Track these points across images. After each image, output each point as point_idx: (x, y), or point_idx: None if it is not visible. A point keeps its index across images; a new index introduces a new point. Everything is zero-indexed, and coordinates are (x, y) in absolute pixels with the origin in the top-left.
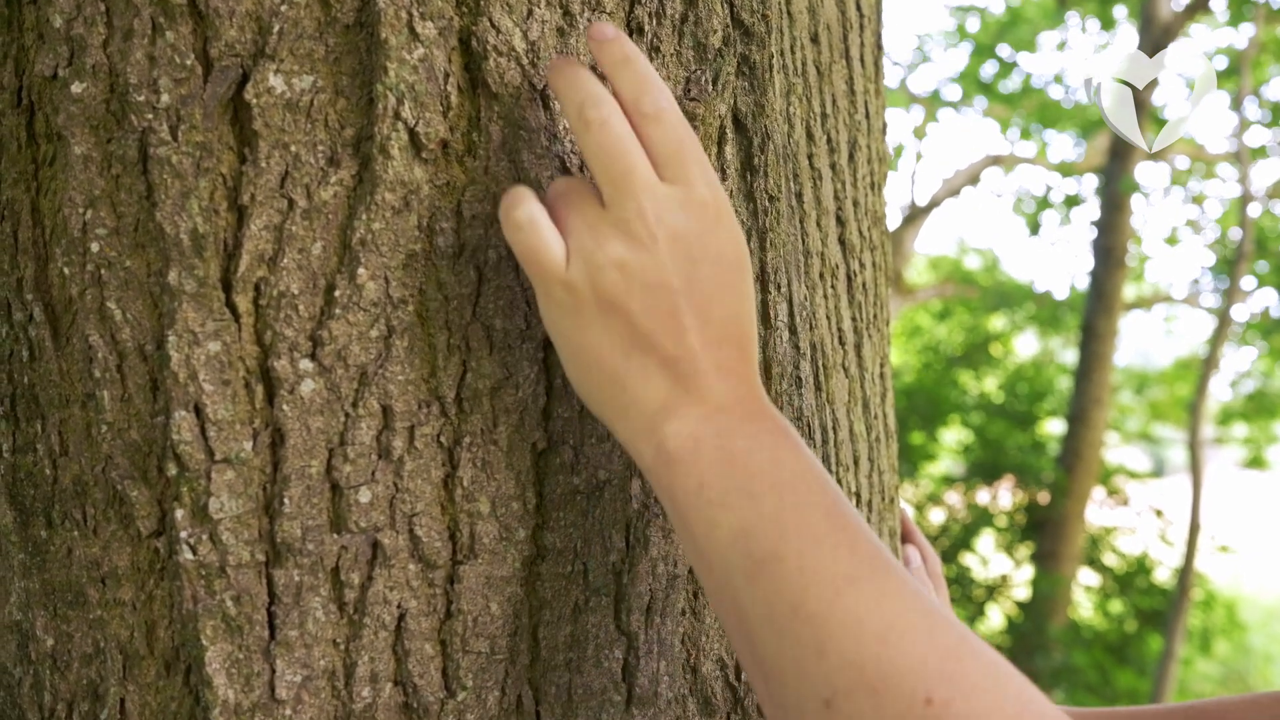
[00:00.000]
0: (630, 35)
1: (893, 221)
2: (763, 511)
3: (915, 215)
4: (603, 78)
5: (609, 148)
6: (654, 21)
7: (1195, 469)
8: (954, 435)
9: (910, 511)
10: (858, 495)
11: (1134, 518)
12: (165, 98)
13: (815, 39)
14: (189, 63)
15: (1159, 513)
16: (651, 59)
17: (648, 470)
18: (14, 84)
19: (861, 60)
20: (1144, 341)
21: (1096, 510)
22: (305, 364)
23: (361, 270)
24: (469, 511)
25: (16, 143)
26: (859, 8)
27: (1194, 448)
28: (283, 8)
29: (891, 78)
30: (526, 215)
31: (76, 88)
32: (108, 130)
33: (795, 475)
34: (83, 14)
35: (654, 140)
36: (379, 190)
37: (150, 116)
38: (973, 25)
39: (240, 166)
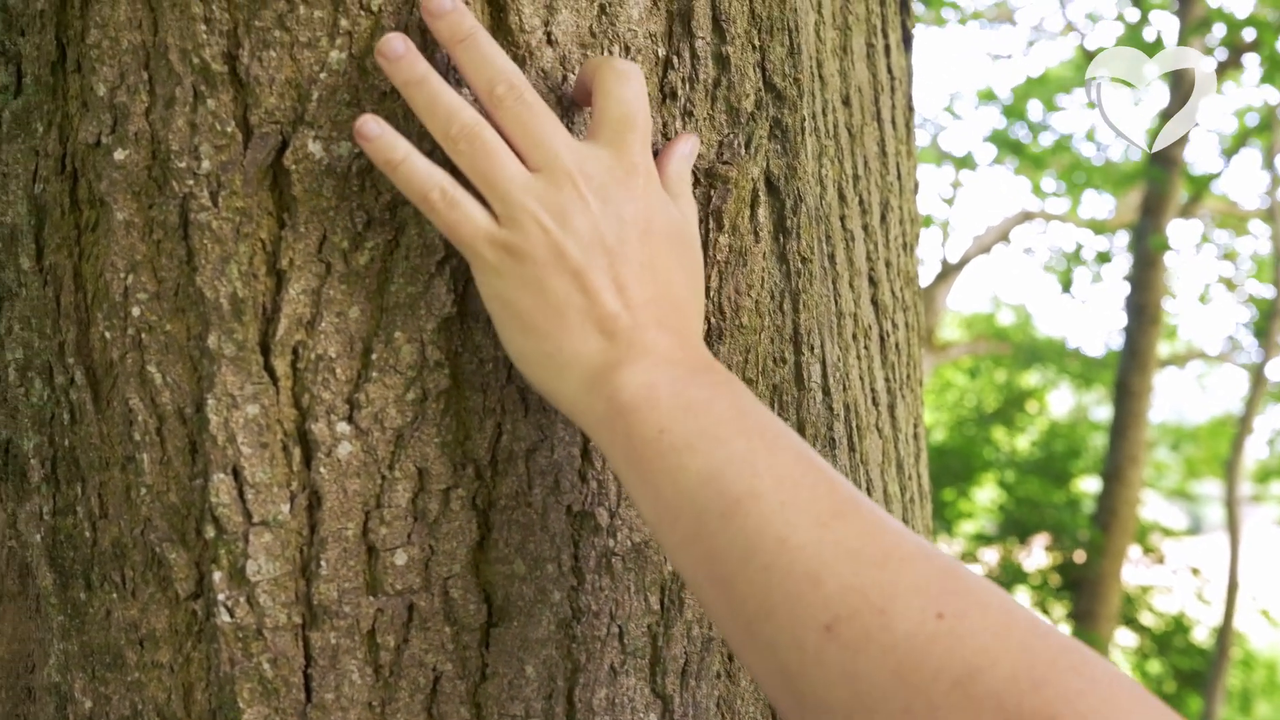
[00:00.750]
0: (664, 100)
1: (925, 278)
2: (732, 454)
3: (947, 272)
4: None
5: (528, 118)
6: (687, 86)
7: (1233, 526)
8: (987, 493)
9: None
10: None
11: (1171, 576)
12: (206, 164)
13: (847, 101)
14: (229, 130)
15: (1196, 571)
16: (685, 123)
17: (597, 424)
18: (58, 151)
19: (893, 122)
20: (1179, 398)
21: (1133, 569)
22: (342, 427)
23: (398, 334)
24: (504, 574)
25: (60, 209)
26: (890, 70)
27: (1231, 505)
28: (321, 75)
29: (922, 136)
30: (440, 194)
31: (119, 154)
32: (149, 196)
33: (759, 422)
34: (126, 82)
35: (609, 96)
36: (415, 254)
37: (191, 183)
38: (1002, 89)
39: (279, 231)
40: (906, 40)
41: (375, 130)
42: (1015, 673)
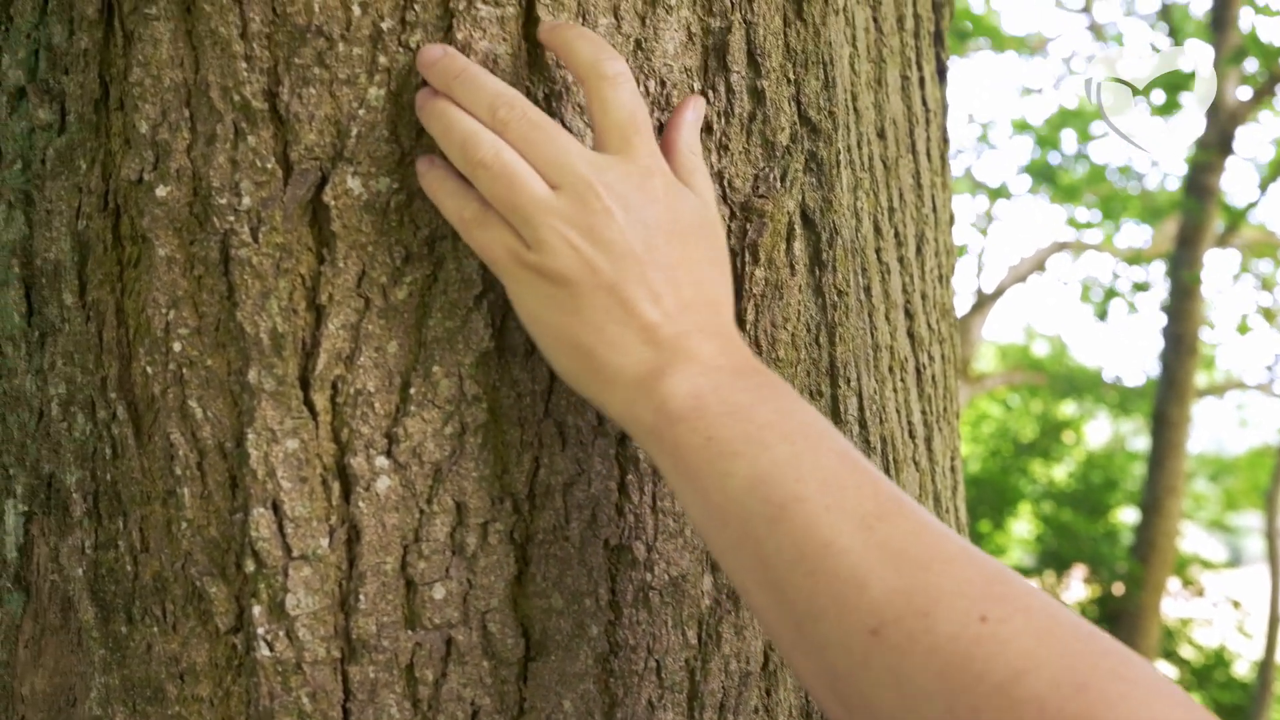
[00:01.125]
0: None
1: (959, 308)
2: (777, 458)
3: (982, 302)
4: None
5: (536, 136)
6: (722, 120)
7: (1273, 558)
8: (1023, 524)
9: None
10: None
11: (1211, 609)
12: (247, 200)
13: (882, 134)
14: (270, 166)
15: (1236, 604)
16: (720, 156)
17: (646, 434)
18: (101, 188)
19: (928, 154)
20: (1218, 429)
21: (1172, 602)
22: (381, 461)
23: (436, 368)
24: (542, 608)
25: (103, 245)
26: (924, 102)
27: (1271, 537)
28: (360, 112)
29: (957, 165)
30: (476, 211)
31: (161, 191)
32: (190, 232)
33: (804, 424)
34: (168, 120)
35: (609, 104)
36: (453, 289)
37: (232, 219)
38: (1036, 118)
39: (319, 267)
40: (941, 72)
41: (424, 165)
42: (1057, 677)
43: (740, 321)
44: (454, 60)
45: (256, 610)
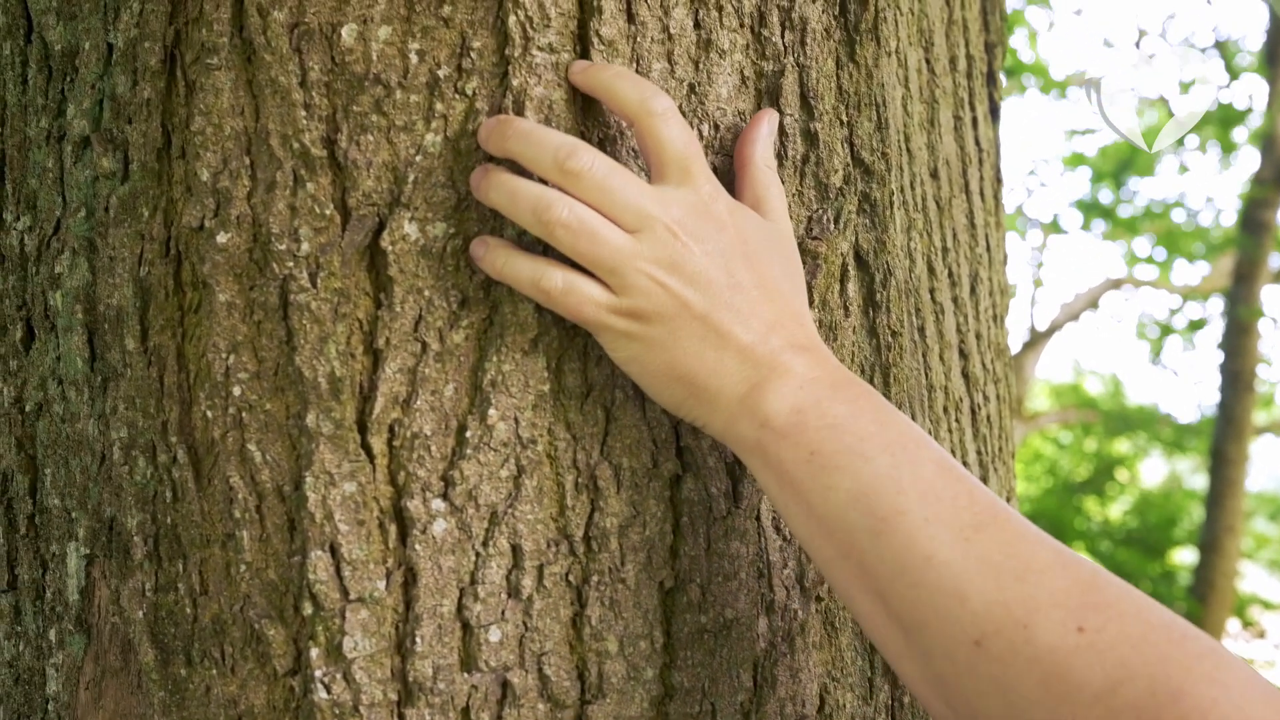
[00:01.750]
0: None
1: (1013, 346)
2: (878, 471)
3: (1035, 340)
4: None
5: (606, 183)
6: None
7: None
8: None
9: None
10: None
11: (1272, 650)
12: (305, 246)
13: (935, 174)
14: (328, 212)
15: None
16: None
17: (749, 450)
18: (163, 235)
19: (981, 194)
20: (1277, 467)
21: (1232, 643)
22: (437, 504)
23: (492, 411)
24: (597, 650)
25: (164, 291)
26: (977, 142)
27: None
28: (417, 158)
29: (1009, 202)
30: (559, 280)
31: (222, 238)
32: (250, 278)
33: (900, 434)
34: (228, 167)
35: (663, 141)
36: (509, 332)
37: (291, 264)
38: (1090, 149)
39: (376, 311)
40: (994, 112)
41: (480, 251)
42: (1153, 685)
43: None
44: (510, 123)
45: (314, 653)
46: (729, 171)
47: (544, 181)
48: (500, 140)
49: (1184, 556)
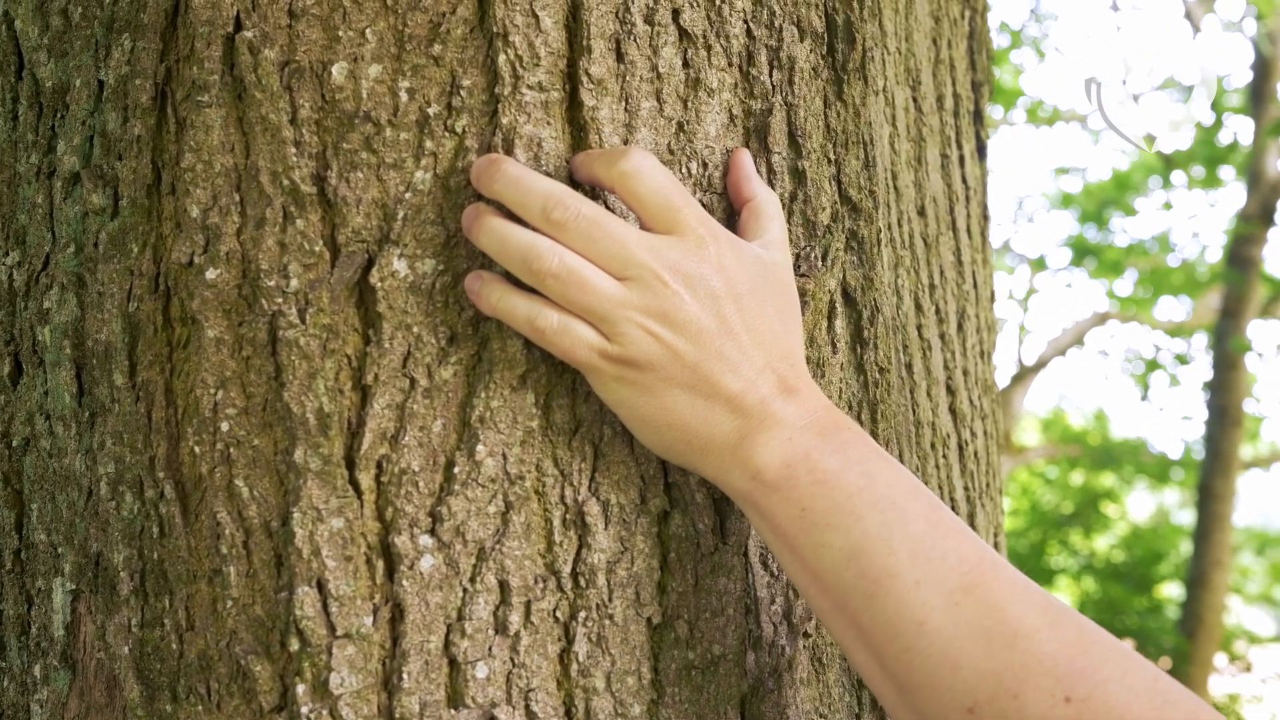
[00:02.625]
0: None
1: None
2: (868, 530)
3: (1023, 375)
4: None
5: (594, 232)
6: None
7: None
8: (1064, 598)
9: None
10: None
11: (1260, 685)
12: (294, 282)
13: (922, 212)
14: (318, 249)
15: None
16: None
17: (741, 499)
18: (152, 270)
19: (968, 231)
20: (1264, 502)
21: (1220, 678)
22: (425, 540)
23: (480, 447)
24: (584, 687)
25: (153, 326)
26: (964, 180)
27: None
28: (407, 195)
29: (996, 239)
30: (554, 320)
31: (211, 274)
32: (239, 314)
33: (889, 487)
34: (218, 204)
35: (641, 196)
36: (497, 369)
37: (280, 300)
38: (1075, 187)
39: (364, 347)
40: (980, 149)
41: (474, 285)
42: None
43: None
44: (500, 165)
45: (300, 689)
46: (716, 208)
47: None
48: (489, 183)
49: (1171, 591)
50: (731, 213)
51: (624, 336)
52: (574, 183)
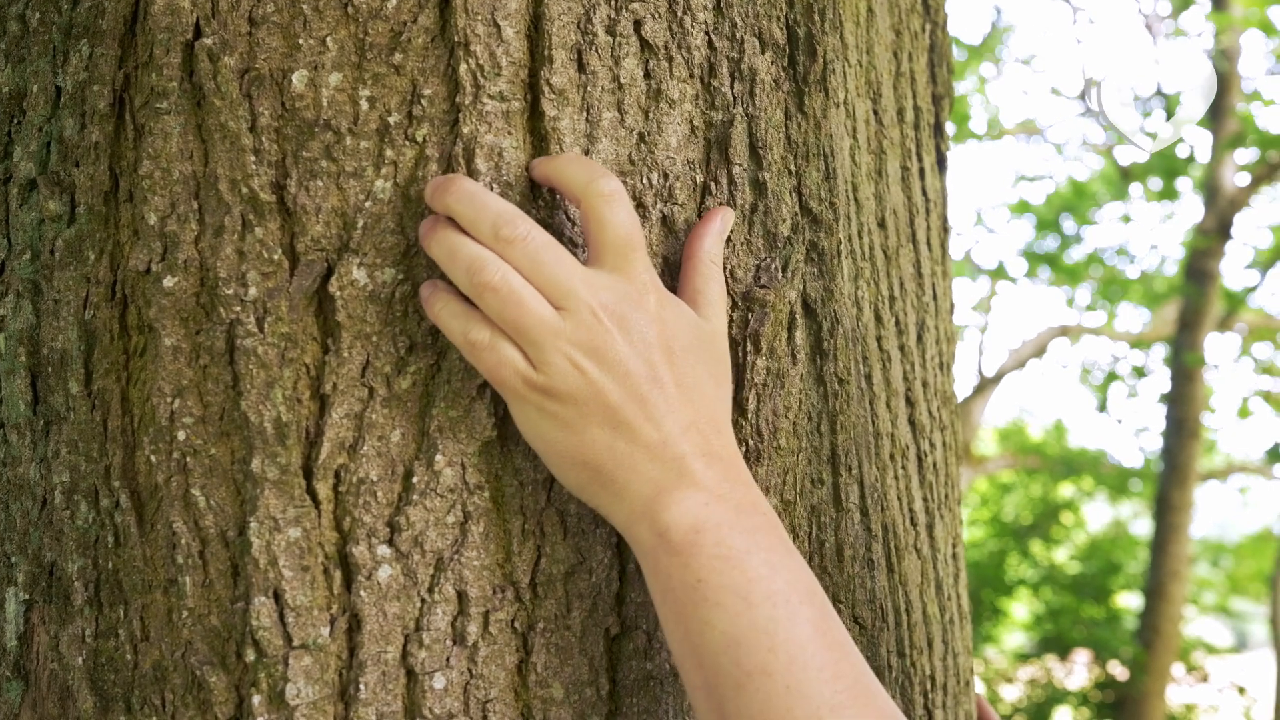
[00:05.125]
0: None
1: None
2: (755, 621)
3: (983, 386)
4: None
5: (539, 256)
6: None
7: (1278, 643)
8: (1023, 607)
9: (982, 689)
10: (932, 679)
11: (1216, 695)
12: (253, 291)
13: (882, 224)
14: (276, 257)
15: (1242, 690)
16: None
17: (645, 554)
18: (109, 278)
19: (928, 243)
20: (1221, 513)
21: (1177, 688)
22: (383, 550)
23: (439, 457)
24: (542, 698)
25: (109, 334)
26: (924, 193)
27: (1276, 622)
28: (367, 204)
29: (956, 249)
30: (485, 336)
31: (168, 281)
32: (197, 322)
33: (788, 584)
34: (176, 211)
35: (606, 222)
36: (456, 378)
37: (238, 309)
38: (1036, 198)
39: (323, 356)
40: (941, 162)
41: (426, 292)
42: None
43: (742, 410)
44: (455, 182)
45: (256, 700)
46: (675, 219)
47: None
48: (443, 197)
49: (1129, 601)
50: (689, 227)
51: (550, 365)
52: (533, 186)
